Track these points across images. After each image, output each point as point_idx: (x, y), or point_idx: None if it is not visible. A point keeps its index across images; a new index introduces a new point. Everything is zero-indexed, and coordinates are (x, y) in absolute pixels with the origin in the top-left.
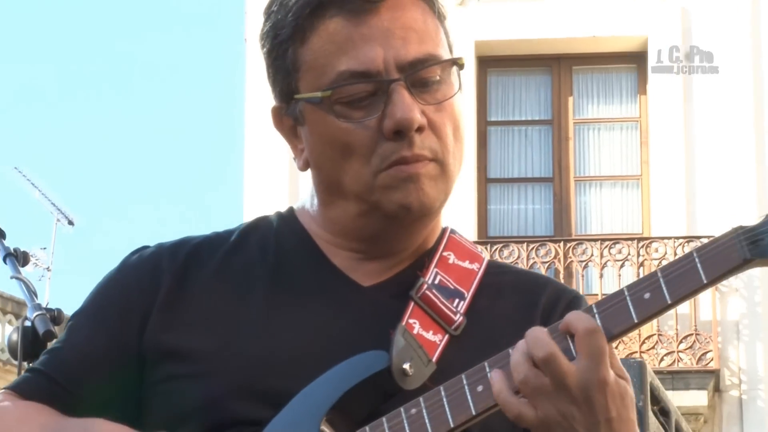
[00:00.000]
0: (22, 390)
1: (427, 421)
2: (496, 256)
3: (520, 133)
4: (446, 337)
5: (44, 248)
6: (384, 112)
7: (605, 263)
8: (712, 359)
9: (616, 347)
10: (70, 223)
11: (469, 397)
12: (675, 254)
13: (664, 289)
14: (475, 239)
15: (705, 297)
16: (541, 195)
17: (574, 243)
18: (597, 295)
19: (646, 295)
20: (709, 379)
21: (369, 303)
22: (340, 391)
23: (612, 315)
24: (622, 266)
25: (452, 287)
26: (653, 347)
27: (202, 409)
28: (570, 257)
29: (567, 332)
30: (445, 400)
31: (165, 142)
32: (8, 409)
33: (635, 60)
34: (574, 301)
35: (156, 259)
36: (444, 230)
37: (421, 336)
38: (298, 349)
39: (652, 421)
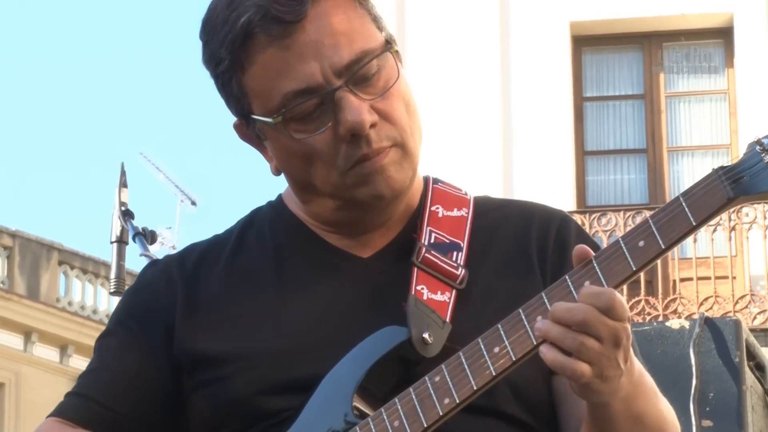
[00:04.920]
0: (65, 415)
1: (451, 386)
2: (595, 224)
3: (615, 107)
4: (453, 293)
5: (169, 228)
6: (336, 119)
7: None
8: None
9: (709, 309)
10: (193, 203)
11: (487, 358)
12: (765, 218)
13: (657, 235)
14: (574, 209)
15: None
16: (636, 165)
17: None
18: (691, 258)
19: (641, 243)
20: None
21: (373, 273)
22: (365, 367)
23: (611, 265)
24: (714, 231)
25: (447, 241)
26: (746, 307)
27: (234, 410)
28: None
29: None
30: (465, 364)
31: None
32: None
33: (722, 35)
34: (562, 224)
35: (168, 272)
36: (426, 182)
37: (431, 300)
38: (315, 333)
39: (749, 375)
